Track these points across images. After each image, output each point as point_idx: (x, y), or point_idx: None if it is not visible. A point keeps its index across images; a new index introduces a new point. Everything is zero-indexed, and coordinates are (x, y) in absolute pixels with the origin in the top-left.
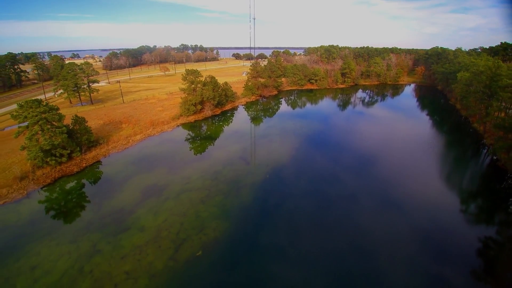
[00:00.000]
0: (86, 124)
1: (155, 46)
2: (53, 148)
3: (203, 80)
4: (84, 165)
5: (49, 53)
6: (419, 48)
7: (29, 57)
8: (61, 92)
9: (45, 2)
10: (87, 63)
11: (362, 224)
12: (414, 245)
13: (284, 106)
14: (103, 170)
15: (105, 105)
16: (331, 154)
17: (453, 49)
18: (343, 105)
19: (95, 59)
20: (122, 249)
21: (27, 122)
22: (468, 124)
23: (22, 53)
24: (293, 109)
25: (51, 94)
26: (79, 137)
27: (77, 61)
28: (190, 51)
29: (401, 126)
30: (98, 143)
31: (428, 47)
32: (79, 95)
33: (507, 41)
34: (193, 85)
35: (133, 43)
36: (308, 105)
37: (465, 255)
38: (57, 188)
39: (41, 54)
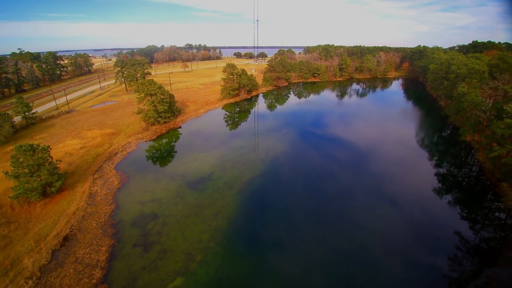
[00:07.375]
0: (174, 99)
1: (163, 46)
2: (162, 112)
3: (238, 72)
4: (179, 124)
5: (49, 53)
6: (410, 46)
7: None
8: (122, 81)
9: (35, 1)
10: (144, 59)
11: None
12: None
13: (295, 94)
14: (194, 127)
15: None
16: (333, 121)
17: (436, 48)
18: (341, 94)
19: (106, 58)
20: (238, 153)
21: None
22: (436, 102)
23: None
24: (301, 97)
25: (104, 84)
26: (172, 107)
27: None
28: (195, 50)
29: (388, 108)
30: (180, 113)
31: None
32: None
33: (478, 40)
34: (231, 76)
35: (127, 43)
36: (312, 94)
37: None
38: (171, 135)
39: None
